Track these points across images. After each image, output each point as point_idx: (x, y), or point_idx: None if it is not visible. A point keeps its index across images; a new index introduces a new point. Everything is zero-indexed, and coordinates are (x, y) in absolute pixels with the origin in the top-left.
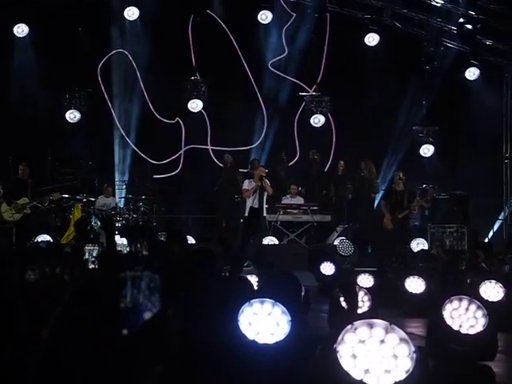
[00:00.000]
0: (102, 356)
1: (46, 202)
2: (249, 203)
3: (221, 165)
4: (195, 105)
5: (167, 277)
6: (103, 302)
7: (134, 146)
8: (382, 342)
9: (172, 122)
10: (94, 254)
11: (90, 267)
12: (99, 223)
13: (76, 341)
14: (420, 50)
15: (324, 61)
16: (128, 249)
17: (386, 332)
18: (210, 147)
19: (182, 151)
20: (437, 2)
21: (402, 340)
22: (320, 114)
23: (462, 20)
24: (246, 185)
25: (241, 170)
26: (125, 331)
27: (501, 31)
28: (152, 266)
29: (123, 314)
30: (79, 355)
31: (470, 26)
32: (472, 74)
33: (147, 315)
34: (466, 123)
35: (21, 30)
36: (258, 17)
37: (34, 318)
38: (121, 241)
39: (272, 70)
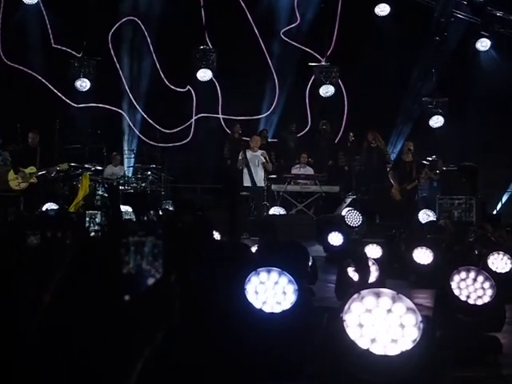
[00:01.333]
0: (103, 321)
1: (53, 172)
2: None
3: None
4: (203, 74)
5: (172, 243)
6: (106, 267)
7: (144, 115)
8: (389, 311)
9: (183, 90)
10: (97, 220)
11: (92, 234)
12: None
13: (78, 305)
14: (430, 21)
15: (336, 31)
16: (133, 217)
17: (393, 301)
18: (221, 116)
19: (192, 120)
20: None
21: (409, 309)
22: (329, 84)
23: None
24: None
25: (245, 138)
26: (126, 297)
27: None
28: (156, 231)
29: (125, 279)
30: (81, 320)
31: None
32: (483, 45)
33: (149, 281)
34: (475, 94)
35: None
36: None
37: (35, 282)
38: (125, 208)
39: (284, 38)
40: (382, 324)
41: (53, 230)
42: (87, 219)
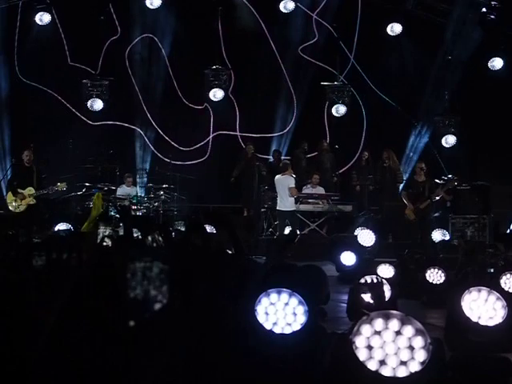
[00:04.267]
0: (106, 345)
1: (52, 191)
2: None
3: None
4: (215, 94)
5: (179, 268)
6: (113, 291)
7: (161, 132)
8: (398, 333)
9: (200, 107)
10: (106, 230)
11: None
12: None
13: (82, 328)
14: (442, 40)
15: (354, 51)
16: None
17: (402, 323)
18: (238, 133)
19: (210, 137)
20: None
21: (417, 331)
22: (342, 104)
23: (484, 10)
24: (293, 183)
25: (260, 155)
26: (131, 322)
27: None
28: (162, 256)
29: (130, 304)
30: (84, 342)
31: (492, 16)
32: (495, 63)
33: (155, 306)
34: (488, 113)
35: (43, 18)
36: (280, 5)
37: (40, 303)
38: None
39: (302, 55)
40: (390, 346)
41: (58, 251)
42: (101, 234)
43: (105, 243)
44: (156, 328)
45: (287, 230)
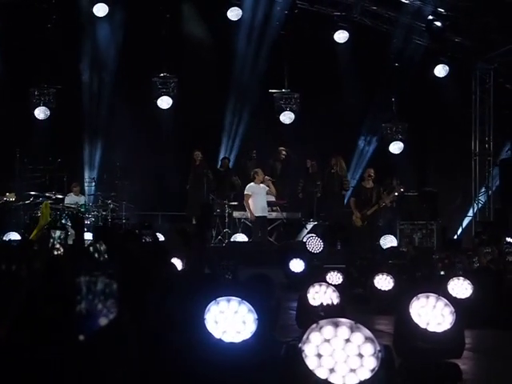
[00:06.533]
0: (62, 357)
1: (1, 201)
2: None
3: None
4: (162, 101)
5: (125, 280)
6: (64, 300)
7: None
8: (348, 340)
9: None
10: (57, 236)
11: (55, 253)
12: (69, 222)
13: (37, 342)
14: (389, 47)
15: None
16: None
17: (352, 331)
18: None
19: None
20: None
21: (367, 339)
22: (290, 110)
23: (430, 17)
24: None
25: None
26: (81, 337)
27: (469, 28)
28: (108, 270)
29: (79, 319)
30: (39, 357)
31: (438, 23)
32: (441, 70)
33: (102, 321)
34: (435, 120)
35: None
36: (228, 13)
37: None
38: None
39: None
40: (340, 354)
41: (6, 262)
42: (52, 237)
43: (56, 251)
44: (105, 339)
45: (235, 237)
